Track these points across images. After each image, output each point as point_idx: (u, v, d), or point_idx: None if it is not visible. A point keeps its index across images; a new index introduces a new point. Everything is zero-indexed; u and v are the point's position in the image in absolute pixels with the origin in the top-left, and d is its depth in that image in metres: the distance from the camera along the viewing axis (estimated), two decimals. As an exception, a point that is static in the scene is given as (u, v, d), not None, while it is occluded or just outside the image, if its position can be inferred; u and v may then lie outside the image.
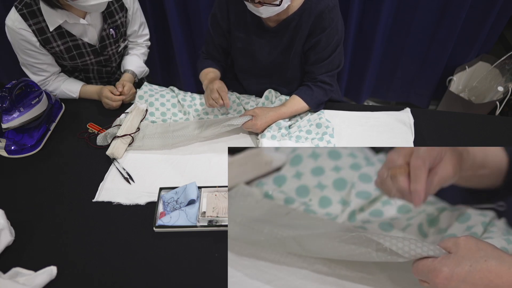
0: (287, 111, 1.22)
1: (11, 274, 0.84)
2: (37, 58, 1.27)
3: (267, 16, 1.10)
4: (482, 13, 1.80)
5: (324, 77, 1.23)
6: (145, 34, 1.53)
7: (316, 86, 1.23)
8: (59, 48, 1.27)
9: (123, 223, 0.97)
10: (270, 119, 1.18)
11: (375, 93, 2.31)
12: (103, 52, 1.37)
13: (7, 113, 1.12)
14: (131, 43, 1.51)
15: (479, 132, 1.21)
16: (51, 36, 1.23)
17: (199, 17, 1.98)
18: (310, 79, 1.25)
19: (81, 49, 1.32)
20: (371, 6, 1.85)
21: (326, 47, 1.17)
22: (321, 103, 1.27)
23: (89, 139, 1.22)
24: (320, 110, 1.26)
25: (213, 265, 0.87)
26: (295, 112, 1.24)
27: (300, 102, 1.22)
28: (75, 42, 1.29)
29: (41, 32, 1.21)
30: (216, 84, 1.17)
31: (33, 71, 1.32)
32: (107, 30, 1.33)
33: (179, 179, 1.08)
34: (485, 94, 2.02)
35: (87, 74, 1.45)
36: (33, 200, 1.04)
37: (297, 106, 1.23)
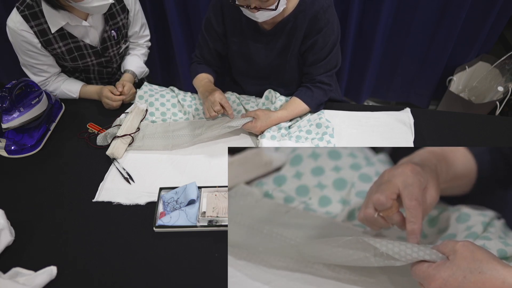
0: (289, 115, 1.22)
1: (11, 274, 0.84)
2: (38, 59, 1.27)
3: (263, 20, 1.10)
4: (482, 13, 1.80)
5: (323, 78, 1.23)
6: (146, 35, 1.53)
7: (315, 87, 1.23)
8: (61, 50, 1.27)
9: (123, 223, 0.97)
10: (270, 123, 1.18)
11: (375, 93, 2.31)
12: (104, 54, 1.37)
13: (7, 113, 1.12)
14: (132, 43, 1.52)
15: (479, 132, 1.21)
16: (53, 38, 1.23)
17: (199, 17, 1.98)
18: (309, 80, 1.25)
19: (83, 50, 1.32)
20: (371, 6, 1.85)
21: (323, 47, 1.17)
22: (321, 104, 1.27)
23: (89, 139, 1.22)
24: (320, 110, 1.26)
25: (213, 265, 0.87)
26: (296, 114, 1.24)
27: (300, 104, 1.23)
28: (76, 43, 1.29)
29: (43, 33, 1.21)
30: (217, 96, 1.17)
31: (33, 71, 1.32)
32: (109, 31, 1.33)
33: (179, 179, 1.08)
34: (485, 94, 2.02)
35: (88, 74, 1.45)
36: (33, 200, 1.04)
37: (298, 108, 1.23)
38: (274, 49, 1.24)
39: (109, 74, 1.49)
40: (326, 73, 1.23)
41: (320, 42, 1.16)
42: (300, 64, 1.27)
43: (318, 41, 1.16)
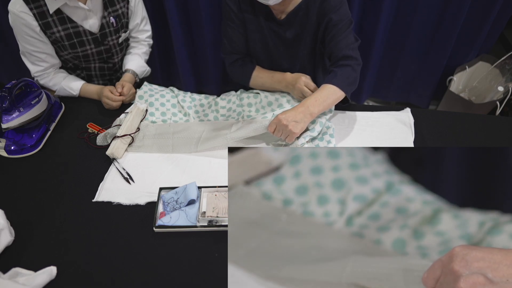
0: (316, 100, 1.10)
1: (11, 274, 0.84)
2: (36, 46, 1.27)
3: (274, 3, 1.11)
4: (482, 13, 1.80)
5: (346, 51, 1.16)
6: (147, 30, 1.53)
7: (340, 67, 1.17)
8: (60, 34, 1.27)
9: (123, 223, 0.97)
10: (300, 115, 1.08)
11: (375, 93, 2.31)
12: (103, 42, 1.37)
13: (7, 113, 1.12)
14: (133, 40, 1.51)
15: (479, 132, 1.21)
16: (52, 21, 1.23)
17: (199, 17, 1.98)
18: (333, 62, 1.20)
19: (82, 36, 1.31)
20: (371, 6, 1.85)
21: (338, 23, 1.16)
22: (352, 81, 1.17)
23: (89, 139, 1.22)
24: (353, 89, 1.18)
25: (213, 265, 0.87)
26: (326, 98, 1.11)
27: (326, 86, 1.13)
28: (75, 29, 1.29)
29: (42, 16, 1.21)
30: (304, 80, 1.21)
31: (31, 60, 1.32)
32: (108, 17, 1.34)
33: (179, 179, 1.08)
34: (485, 94, 2.02)
35: (89, 72, 1.45)
36: (33, 200, 1.04)
37: (324, 90, 1.12)
38: (287, 39, 1.24)
39: (110, 70, 1.49)
40: (348, 46, 1.18)
41: (335, 18, 1.16)
42: (316, 53, 1.26)
43: (333, 18, 1.16)
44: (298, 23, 1.20)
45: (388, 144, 1.17)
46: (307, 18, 1.18)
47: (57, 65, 1.39)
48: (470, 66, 2.00)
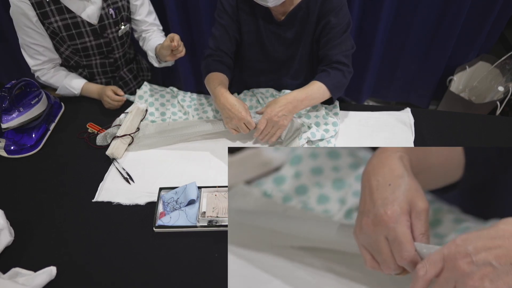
0: (302, 93, 1.13)
1: (10, 274, 0.84)
2: (34, 37, 1.27)
3: (273, 5, 1.11)
4: (482, 13, 1.80)
5: (339, 57, 1.18)
6: (158, 25, 1.53)
7: (332, 68, 1.19)
8: (57, 24, 1.26)
9: (123, 223, 0.97)
10: (280, 105, 1.11)
11: (375, 93, 2.31)
12: (103, 34, 1.36)
13: (7, 113, 1.12)
14: (147, 31, 1.50)
15: (479, 132, 1.21)
16: (50, 11, 1.23)
17: (199, 17, 1.98)
18: (326, 63, 1.21)
19: (80, 27, 1.30)
20: (371, 6, 1.85)
21: (337, 26, 1.16)
22: (340, 86, 1.20)
23: (89, 139, 1.22)
24: (340, 95, 1.21)
25: (213, 265, 0.87)
26: (312, 93, 1.15)
27: (315, 83, 1.16)
28: (74, 19, 1.28)
29: (40, 5, 1.21)
30: (245, 115, 1.11)
31: (30, 53, 1.32)
32: (107, 9, 1.33)
33: (179, 179, 1.08)
34: (485, 94, 2.01)
35: (91, 69, 1.44)
36: (33, 200, 1.04)
37: (313, 86, 1.15)
38: (286, 39, 1.24)
39: (112, 67, 1.47)
40: (342, 52, 1.19)
41: (333, 21, 1.15)
42: (314, 52, 1.26)
43: (331, 20, 1.15)
44: (298, 22, 1.19)
45: (388, 144, 1.17)
46: (307, 17, 1.18)
47: (56, 60, 1.38)
48: (470, 66, 1.99)
